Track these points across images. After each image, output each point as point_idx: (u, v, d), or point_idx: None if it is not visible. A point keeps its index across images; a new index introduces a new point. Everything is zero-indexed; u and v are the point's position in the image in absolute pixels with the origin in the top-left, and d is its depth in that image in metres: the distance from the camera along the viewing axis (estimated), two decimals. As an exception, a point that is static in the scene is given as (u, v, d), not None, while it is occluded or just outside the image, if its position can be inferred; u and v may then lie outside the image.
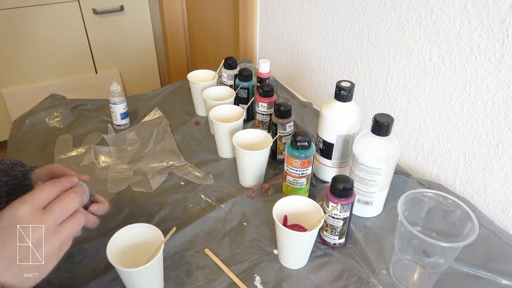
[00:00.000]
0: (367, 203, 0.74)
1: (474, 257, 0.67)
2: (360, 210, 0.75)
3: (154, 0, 2.04)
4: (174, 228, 0.61)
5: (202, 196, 0.82)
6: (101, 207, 0.59)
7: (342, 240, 0.69)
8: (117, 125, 1.03)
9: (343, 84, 0.73)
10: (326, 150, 0.79)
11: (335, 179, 0.64)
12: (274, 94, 0.92)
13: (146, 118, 1.06)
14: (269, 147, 0.81)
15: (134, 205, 0.79)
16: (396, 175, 0.82)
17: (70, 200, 0.48)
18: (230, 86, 1.07)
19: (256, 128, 0.96)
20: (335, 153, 0.79)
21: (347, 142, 0.77)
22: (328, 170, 0.82)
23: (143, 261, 0.58)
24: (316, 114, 1.07)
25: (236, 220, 0.75)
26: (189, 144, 0.98)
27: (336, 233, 0.68)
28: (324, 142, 0.78)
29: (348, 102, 0.74)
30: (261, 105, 0.92)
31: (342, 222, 0.66)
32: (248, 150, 0.79)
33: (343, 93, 0.73)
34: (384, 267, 0.66)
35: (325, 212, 0.65)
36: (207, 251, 0.69)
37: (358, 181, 0.72)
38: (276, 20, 1.27)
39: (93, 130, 1.02)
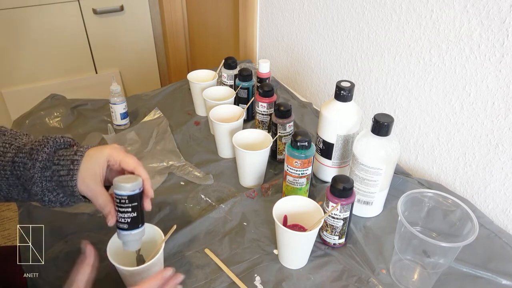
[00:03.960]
0: (367, 203, 0.74)
1: (474, 257, 0.67)
2: (360, 210, 0.75)
3: (154, 0, 2.04)
4: (175, 226, 0.61)
5: (202, 196, 0.82)
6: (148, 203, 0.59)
7: (342, 240, 0.69)
8: (117, 125, 1.03)
9: (343, 84, 0.73)
10: (326, 150, 0.79)
11: (335, 179, 0.64)
12: (274, 94, 0.92)
13: (146, 118, 1.06)
14: (269, 147, 0.81)
15: (134, 205, 0.79)
16: (396, 175, 0.82)
17: None
18: (230, 86, 1.07)
19: (256, 128, 0.96)
20: (335, 153, 0.79)
21: (347, 142, 0.77)
22: (328, 170, 0.82)
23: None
24: (316, 114, 1.07)
25: (236, 220, 0.75)
26: (189, 144, 0.98)
27: (336, 233, 0.68)
28: (324, 142, 0.79)
29: (348, 102, 0.74)
30: (261, 105, 0.92)
31: (342, 222, 0.66)
32: (248, 150, 0.79)
33: (343, 93, 0.73)
34: (384, 267, 0.66)
35: (325, 212, 0.65)
36: (207, 251, 0.69)
37: (358, 181, 0.72)
38: (276, 20, 1.27)
39: (93, 130, 1.02)
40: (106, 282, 0.64)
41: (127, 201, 0.54)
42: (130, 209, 0.55)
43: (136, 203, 0.55)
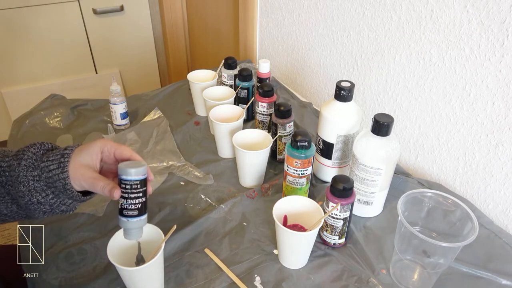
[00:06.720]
0: (367, 203, 0.74)
1: (474, 257, 0.67)
2: (360, 210, 0.75)
3: (154, 0, 2.04)
4: (175, 226, 0.61)
5: (202, 196, 0.82)
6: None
7: (342, 240, 0.69)
8: (117, 125, 1.03)
9: (343, 84, 0.73)
10: (326, 150, 0.79)
11: (335, 179, 0.64)
12: (274, 94, 0.93)
13: (146, 118, 1.06)
14: (269, 147, 0.81)
15: (134, 205, 0.79)
16: (396, 175, 0.82)
17: None
18: (230, 86, 1.07)
19: (256, 128, 0.96)
20: (335, 153, 0.79)
21: (347, 142, 0.77)
22: (328, 170, 0.82)
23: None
24: (316, 114, 1.07)
25: (236, 220, 0.75)
26: (189, 144, 0.98)
27: (336, 233, 0.68)
28: (324, 142, 0.79)
29: (348, 102, 0.74)
30: (261, 105, 0.92)
31: (342, 222, 0.66)
32: (248, 150, 0.79)
33: (343, 93, 0.73)
34: (384, 267, 0.66)
35: (325, 212, 0.65)
36: (207, 251, 0.69)
37: (358, 181, 0.72)
38: (276, 20, 1.27)
39: (93, 130, 1.02)
40: (105, 281, 0.64)
41: (139, 186, 0.53)
42: (141, 194, 0.54)
43: (145, 187, 0.55)
